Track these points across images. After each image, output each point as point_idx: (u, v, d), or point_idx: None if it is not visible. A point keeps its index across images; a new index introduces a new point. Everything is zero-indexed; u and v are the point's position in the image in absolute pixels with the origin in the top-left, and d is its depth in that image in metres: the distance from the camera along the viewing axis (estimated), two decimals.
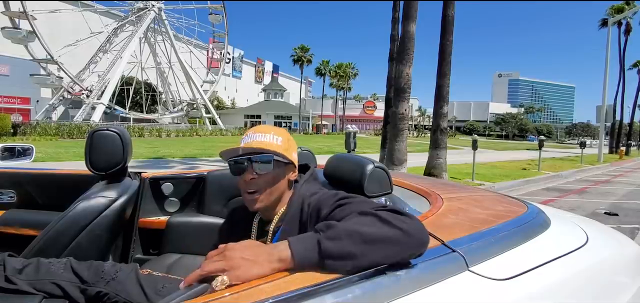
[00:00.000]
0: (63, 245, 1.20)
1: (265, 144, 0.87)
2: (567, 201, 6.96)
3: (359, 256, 0.57)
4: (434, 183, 1.47)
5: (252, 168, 0.86)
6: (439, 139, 8.22)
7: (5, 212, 1.65)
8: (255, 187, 0.86)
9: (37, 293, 0.94)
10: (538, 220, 0.97)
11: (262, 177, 0.86)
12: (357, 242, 0.58)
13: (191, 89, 35.64)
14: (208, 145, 18.93)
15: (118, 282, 0.99)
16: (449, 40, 8.19)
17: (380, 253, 0.58)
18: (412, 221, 0.63)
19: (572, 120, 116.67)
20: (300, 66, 49.76)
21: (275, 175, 0.88)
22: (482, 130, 67.95)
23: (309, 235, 0.62)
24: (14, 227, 1.59)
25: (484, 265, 0.69)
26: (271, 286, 0.53)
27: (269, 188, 0.87)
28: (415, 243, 0.61)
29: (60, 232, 1.20)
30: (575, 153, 21.76)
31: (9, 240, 1.53)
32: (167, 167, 9.46)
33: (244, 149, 0.87)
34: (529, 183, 8.83)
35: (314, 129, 51.01)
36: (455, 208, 1.01)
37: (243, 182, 0.87)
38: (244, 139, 0.91)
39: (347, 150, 6.59)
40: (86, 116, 25.87)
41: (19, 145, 2.00)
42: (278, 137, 0.90)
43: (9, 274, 0.93)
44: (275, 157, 0.87)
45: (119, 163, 1.39)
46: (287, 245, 0.59)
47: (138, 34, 30.75)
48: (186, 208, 1.83)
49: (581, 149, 16.31)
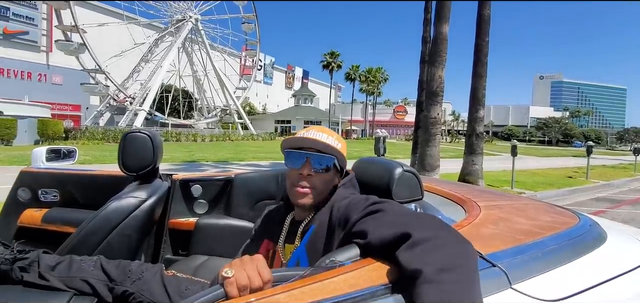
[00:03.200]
0: (95, 243, 1.24)
1: (329, 147, 0.87)
2: (620, 212, 6.35)
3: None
4: (470, 189, 1.36)
5: (311, 165, 0.85)
6: (475, 144, 7.84)
7: (49, 210, 1.75)
8: (309, 183, 0.85)
9: (68, 290, 0.96)
10: (592, 233, 0.85)
11: (319, 176, 0.85)
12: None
13: (225, 95, 36.93)
14: (240, 149, 19.46)
15: (143, 281, 1.00)
16: (485, 41, 7.83)
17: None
18: (457, 236, 0.58)
19: (624, 125, 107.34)
20: (329, 72, 49.96)
21: (330, 178, 0.88)
22: (521, 136, 64.15)
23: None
24: (56, 224, 1.67)
25: (529, 283, 0.61)
26: (342, 280, 0.54)
27: (321, 189, 0.86)
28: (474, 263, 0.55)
29: (93, 231, 1.24)
30: (629, 160, 19.87)
31: (51, 237, 1.62)
32: (200, 170, 9.81)
33: (312, 141, 0.86)
34: (575, 193, 8.16)
35: (343, 134, 50.87)
36: (495, 218, 0.91)
37: (298, 174, 0.85)
38: (307, 133, 0.89)
39: (376, 155, 6.46)
40: (129, 122, 27.58)
41: (64, 147, 2.13)
42: (338, 142, 0.90)
43: (43, 271, 0.97)
44: (335, 162, 0.87)
45: (149, 165, 1.42)
46: None
47: (177, 44, 32.41)
48: (214, 211, 1.85)
49: (635, 156, 14.88)
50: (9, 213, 1.75)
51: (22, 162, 9.25)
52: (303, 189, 0.84)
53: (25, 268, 0.97)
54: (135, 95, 30.90)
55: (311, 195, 0.85)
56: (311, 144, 0.86)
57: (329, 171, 0.87)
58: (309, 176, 0.85)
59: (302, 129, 0.95)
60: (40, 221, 1.69)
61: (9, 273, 0.95)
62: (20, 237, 1.68)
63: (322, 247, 0.77)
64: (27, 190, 1.78)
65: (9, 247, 1.04)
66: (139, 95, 30.37)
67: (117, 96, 31.40)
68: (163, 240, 1.72)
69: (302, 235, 0.85)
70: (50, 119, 21.46)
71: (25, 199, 1.78)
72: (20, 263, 0.98)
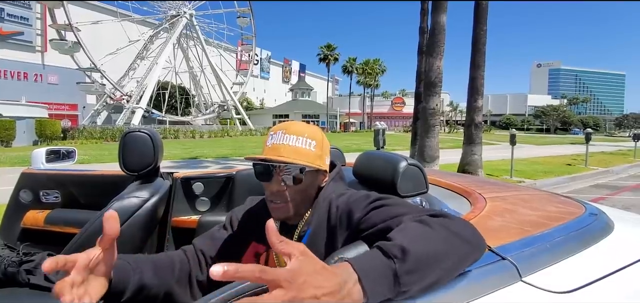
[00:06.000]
0: None
1: (297, 151, 0.76)
2: (621, 199, 6.39)
3: (433, 284, 0.51)
4: (474, 180, 1.36)
5: (280, 178, 0.76)
6: (474, 134, 7.84)
7: (51, 211, 1.74)
8: (283, 199, 0.77)
9: None
10: (599, 223, 0.85)
11: (292, 188, 0.77)
12: (437, 268, 0.51)
13: (222, 91, 36.77)
14: (239, 145, 19.43)
15: None
16: (483, 30, 7.80)
17: (453, 274, 0.53)
18: (468, 226, 0.58)
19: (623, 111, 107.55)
20: (327, 65, 49.71)
21: (306, 185, 0.79)
22: (520, 124, 64.20)
23: (379, 263, 0.50)
24: (59, 225, 1.67)
25: (540, 275, 0.61)
26: None
27: (298, 199, 0.79)
28: (479, 252, 0.56)
29: (96, 232, 1.24)
30: (628, 146, 19.91)
31: (54, 238, 1.61)
32: (201, 167, 9.80)
33: (272, 158, 0.75)
34: (575, 180, 8.19)
35: (341, 127, 50.82)
36: (501, 209, 0.91)
37: (269, 192, 0.78)
38: (273, 137, 0.79)
39: (376, 147, 6.47)
40: (127, 120, 27.46)
41: (63, 148, 2.12)
42: (312, 140, 0.79)
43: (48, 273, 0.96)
44: (307, 168, 0.77)
45: (150, 164, 1.42)
46: (356, 281, 0.47)
47: (172, 40, 32.16)
48: (216, 208, 1.84)
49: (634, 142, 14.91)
50: (12, 215, 1.75)
51: (23, 163, 9.22)
52: (277, 206, 0.78)
53: (32, 271, 0.97)
54: (132, 93, 30.69)
55: (288, 208, 0.78)
56: (273, 160, 0.75)
57: (302, 181, 0.77)
58: (280, 191, 0.77)
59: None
60: (43, 222, 1.69)
61: (15, 276, 0.95)
62: (24, 239, 1.68)
63: (324, 248, 0.74)
64: (28, 192, 1.78)
65: (15, 250, 1.04)
66: (135, 93, 30.18)
67: (113, 94, 31.20)
68: (166, 238, 1.72)
69: (298, 241, 0.81)
70: (48, 119, 21.37)
71: (27, 201, 1.77)
72: (26, 266, 0.98)
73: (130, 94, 30.59)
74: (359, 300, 0.46)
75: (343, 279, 0.46)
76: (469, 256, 0.55)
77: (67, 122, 25.80)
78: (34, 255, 1.01)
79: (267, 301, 0.42)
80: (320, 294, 0.43)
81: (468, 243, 0.55)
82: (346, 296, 0.45)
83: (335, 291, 0.44)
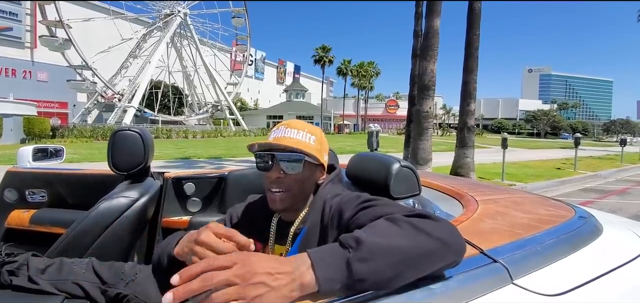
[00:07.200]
0: (86, 245, 1.20)
1: (297, 142, 0.81)
2: (608, 203, 6.50)
3: (394, 278, 0.50)
4: (466, 183, 1.37)
5: (280, 166, 0.80)
6: (466, 137, 7.92)
7: (37, 211, 1.70)
8: (281, 186, 0.81)
9: (59, 294, 0.93)
10: (588, 226, 0.86)
11: (290, 177, 0.81)
12: (393, 260, 0.50)
13: (216, 91, 36.52)
14: (232, 145, 19.31)
15: (137, 283, 0.98)
16: (476, 34, 7.89)
17: (418, 270, 0.52)
18: (446, 227, 0.56)
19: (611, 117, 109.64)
20: (321, 66, 49.74)
21: (304, 177, 0.83)
22: (511, 128, 65.05)
23: (334, 252, 0.53)
24: (45, 225, 1.63)
25: (530, 278, 0.61)
26: None
27: (296, 190, 0.82)
28: (453, 254, 0.54)
29: (83, 232, 1.21)
30: (615, 151, 20.32)
31: (40, 238, 1.58)
32: (193, 168, 9.71)
33: (274, 144, 0.81)
34: (564, 184, 8.32)
35: (335, 129, 50.86)
36: (492, 212, 0.91)
37: (268, 178, 0.82)
38: (275, 132, 0.85)
39: (369, 149, 6.48)
40: (118, 119, 27.10)
41: (51, 146, 2.08)
42: (311, 135, 0.85)
43: (32, 274, 0.93)
44: (306, 158, 0.81)
45: (140, 163, 1.39)
46: (309, 266, 0.50)
47: (165, 39, 31.85)
48: (208, 209, 1.82)
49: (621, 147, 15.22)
50: None
51: (9, 161, 9.03)
52: (275, 194, 0.81)
53: (14, 272, 0.94)
54: (124, 91, 30.27)
55: (286, 198, 0.81)
56: (275, 145, 0.80)
57: (301, 170, 0.81)
58: (279, 178, 0.80)
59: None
60: (28, 222, 1.65)
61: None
62: (7, 240, 1.64)
63: (317, 247, 0.75)
64: (13, 191, 1.73)
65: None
66: (127, 92, 29.79)
67: (104, 93, 30.75)
68: (156, 239, 1.69)
69: (293, 238, 0.82)
70: (37, 116, 20.95)
71: (11, 200, 1.73)
72: (9, 266, 0.95)
73: (122, 93, 30.18)
74: (311, 283, 0.49)
75: (297, 264, 0.51)
76: (439, 254, 0.53)
77: (57, 120, 25.30)
78: (17, 255, 0.98)
79: (224, 276, 0.47)
80: (274, 272, 0.49)
81: (438, 241, 0.53)
82: (298, 278, 0.49)
83: (289, 271, 0.50)
